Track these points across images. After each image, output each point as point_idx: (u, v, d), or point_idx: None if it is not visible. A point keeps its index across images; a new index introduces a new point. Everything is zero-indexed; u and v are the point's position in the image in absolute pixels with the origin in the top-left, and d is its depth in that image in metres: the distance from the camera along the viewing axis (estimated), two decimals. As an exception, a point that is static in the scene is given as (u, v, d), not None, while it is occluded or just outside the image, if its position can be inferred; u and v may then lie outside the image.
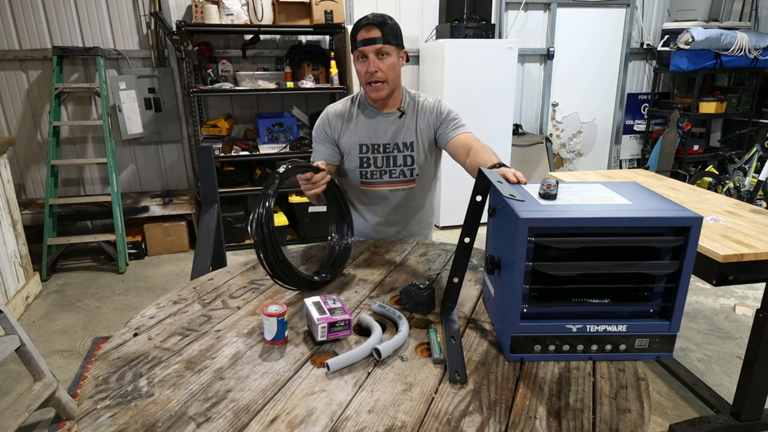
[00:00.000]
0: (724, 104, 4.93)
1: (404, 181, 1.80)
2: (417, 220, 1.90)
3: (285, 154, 4.03)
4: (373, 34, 1.59)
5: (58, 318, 3.02)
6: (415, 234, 1.91)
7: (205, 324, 1.20)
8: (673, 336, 1.02)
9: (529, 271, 0.98)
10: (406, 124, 1.75)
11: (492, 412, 0.90)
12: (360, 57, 1.64)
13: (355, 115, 1.77)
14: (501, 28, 4.77)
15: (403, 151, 1.76)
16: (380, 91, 1.66)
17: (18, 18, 3.72)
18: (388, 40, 1.61)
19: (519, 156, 4.83)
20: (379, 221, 1.86)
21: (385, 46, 1.61)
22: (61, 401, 2.04)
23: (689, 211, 0.97)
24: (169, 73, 4.10)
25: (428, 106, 1.76)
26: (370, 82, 1.65)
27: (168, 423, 0.87)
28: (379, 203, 1.83)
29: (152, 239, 3.96)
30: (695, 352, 2.60)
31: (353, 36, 1.64)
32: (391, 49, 1.63)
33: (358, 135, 1.75)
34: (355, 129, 1.76)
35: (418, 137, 1.76)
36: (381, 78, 1.63)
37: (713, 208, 2.09)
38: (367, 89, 1.69)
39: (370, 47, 1.60)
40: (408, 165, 1.78)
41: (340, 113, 1.77)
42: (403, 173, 1.79)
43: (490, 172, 1.14)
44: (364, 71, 1.64)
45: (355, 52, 1.65)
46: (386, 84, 1.65)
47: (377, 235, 1.88)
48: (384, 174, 1.78)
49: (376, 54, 1.61)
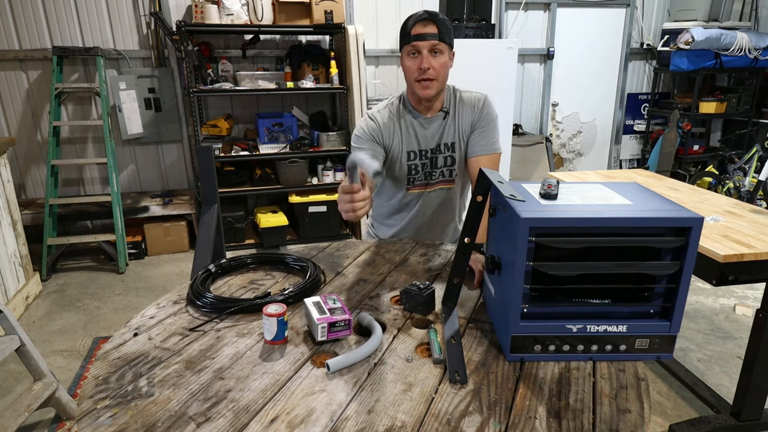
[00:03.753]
0: (724, 104, 4.93)
1: (443, 182, 1.76)
2: (452, 220, 1.86)
3: (285, 154, 4.03)
4: (429, 29, 1.52)
5: (58, 318, 3.02)
6: (452, 234, 1.87)
7: (205, 324, 1.20)
8: (674, 336, 1.02)
9: (530, 271, 0.98)
10: (449, 124, 1.69)
11: (492, 412, 0.89)
12: (411, 52, 1.56)
13: (402, 121, 1.69)
14: (501, 28, 4.77)
15: (445, 152, 1.71)
16: (429, 89, 1.58)
17: (18, 18, 3.72)
18: (443, 38, 1.54)
19: (519, 156, 4.83)
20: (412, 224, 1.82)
21: (440, 44, 1.54)
22: (61, 401, 2.04)
23: (690, 212, 0.97)
24: (169, 73, 4.09)
25: (469, 102, 1.69)
26: (420, 80, 1.57)
27: (168, 423, 0.87)
28: (414, 206, 1.79)
29: (152, 239, 3.96)
30: (695, 352, 2.60)
31: (405, 30, 1.57)
32: (445, 48, 1.56)
33: (406, 142, 1.69)
34: (402, 135, 1.68)
35: (459, 137, 1.70)
36: (432, 76, 1.55)
37: (713, 208, 2.09)
38: (415, 86, 1.59)
39: (426, 43, 1.53)
40: (448, 165, 1.72)
41: (389, 118, 1.68)
42: (443, 174, 1.74)
43: (491, 172, 1.14)
44: (416, 67, 1.55)
45: (406, 47, 1.57)
46: (436, 82, 1.57)
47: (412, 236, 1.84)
48: (427, 176, 1.73)
49: (430, 50, 1.54)
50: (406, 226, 1.84)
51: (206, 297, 1.27)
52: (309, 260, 1.48)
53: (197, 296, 1.28)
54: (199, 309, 1.26)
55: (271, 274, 1.50)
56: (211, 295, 1.29)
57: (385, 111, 1.70)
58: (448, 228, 1.87)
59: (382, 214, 1.89)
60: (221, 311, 1.23)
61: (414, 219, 1.81)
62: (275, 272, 1.51)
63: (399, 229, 1.85)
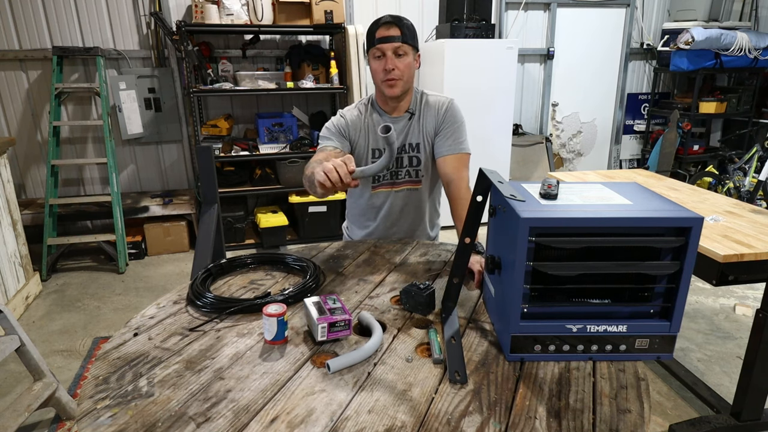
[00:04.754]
0: (724, 104, 4.93)
1: (409, 182, 1.79)
2: (422, 221, 1.88)
3: (285, 154, 4.03)
4: (392, 32, 1.60)
5: (58, 318, 3.02)
6: (421, 235, 1.90)
7: (205, 324, 1.20)
8: (674, 336, 1.02)
9: (530, 271, 0.98)
10: (413, 125, 1.74)
11: (492, 412, 0.89)
12: (376, 55, 1.64)
13: (369, 119, 1.76)
14: (501, 28, 4.77)
15: (409, 152, 1.75)
16: (395, 87, 1.65)
17: (18, 18, 3.72)
18: (406, 40, 1.62)
19: (519, 156, 4.83)
20: (382, 224, 1.85)
21: (403, 45, 1.61)
22: (61, 401, 2.04)
23: (690, 212, 0.97)
24: (169, 73, 4.09)
25: (434, 105, 1.74)
26: (385, 80, 1.64)
27: (168, 423, 0.87)
28: (383, 206, 1.82)
29: (152, 239, 3.96)
30: (695, 352, 2.60)
31: (370, 34, 1.65)
32: (408, 50, 1.63)
33: (372, 139, 1.74)
34: (369, 133, 1.75)
35: (423, 138, 1.74)
36: (397, 76, 1.63)
37: (713, 208, 2.09)
38: (382, 86, 1.67)
39: (389, 45, 1.60)
40: (414, 166, 1.77)
41: (357, 116, 1.76)
42: (409, 174, 1.78)
43: (491, 171, 1.14)
44: (381, 69, 1.63)
45: (371, 50, 1.65)
46: (401, 81, 1.64)
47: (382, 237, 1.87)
48: (393, 175, 1.77)
49: (394, 52, 1.61)
50: (375, 228, 1.87)
51: (206, 297, 1.27)
52: (309, 260, 1.48)
53: (197, 296, 1.28)
54: (199, 309, 1.26)
55: (271, 274, 1.50)
56: (211, 295, 1.29)
57: (354, 110, 1.77)
58: (418, 230, 1.89)
59: (354, 214, 1.93)
60: (221, 311, 1.23)
61: (384, 220, 1.84)
62: (275, 272, 1.51)
63: (370, 231, 1.88)
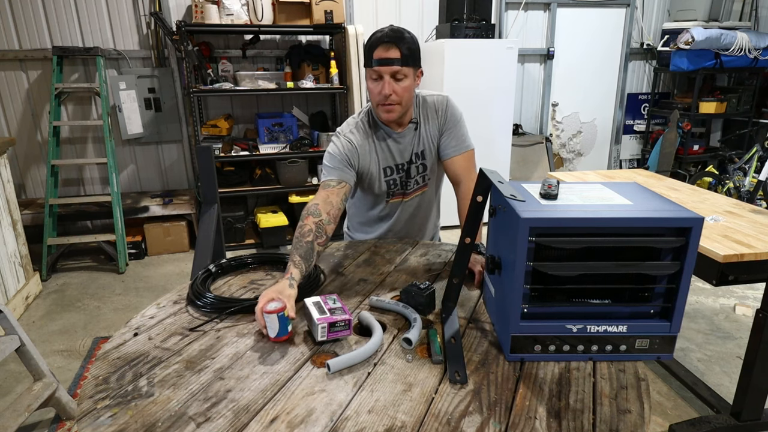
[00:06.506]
0: (724, 104, 4.93)
1: (418, 188, 1.76)
2: (429, 221, 1.87)
3: (285, 154, 4.03)
4: (391, 54, 1.46)
5: (58, 318, 3.02)
6: (426, 236, 1.88)
7: (205, 324, 1.20)
8: (674, 337, 1.02)
9: (530, 271, 0.98)
10: (420, 134, 1.67)
11: (492, 412, 0.89)
12: (374, 77, 1.51)
13: (375, 138, 1.65)
14: (501, 28, 4.77)
15: (416, 161, 1.69)
16: (391, 113, 1.54)
17: (18, 18, 3.72)
18: (406, 62, 1.48)
19: (519, 156, 4.83)
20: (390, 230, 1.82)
21: (402, 69, 1.48)
22: (61, 401, 2.03)
23: (690, 212, 0.97)
24: (169, 73, 4.09)
25: (433, 106, 1.67)
26: (382, 104, 1.53)
27: (168, 423, 0.87)
28: (392, 214, 1.79)
29: (152, 239, 3.96)
30: (695, 352, 2.60)
31: (368, 50, 1.51)
32: (409, 72, 1.50)
33: (383, 159, 1.66)
34: (378, 153, 1.66)
35: (428, 143, 1.69)
36: (395, 101, 1.51)
37: (713, 208, 2.09)
38: (378, 110, 1.57)
39: (387, 68, 1.47)
40: (421, 173, 1.72)
41: (363, 138, 1.64)
42: (417, 182, 1.73)
43: (491, 171, 1.14)
44: (378, 92, 1.51)
45: (369, 70, 1.52)
46: (399, 106, 1.54)
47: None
48: (403, 186, 1.73)
49: (392, 76, 1.48)
50: (384, 233, 1.84)
51: (206, 297, 1.27)
52: None
53: (197, 296, 1.28)
54: (199, 309, 1.26)
55: (271, 274, 1.50)
56: (211, 295, 1.29)
57: (358, 131, 1.64)
58: (427, 226, 1.88)
59: (360, 222, 1.89)
60: (221, 311, 1.23)
61: (393, 226, 1.82)
62: (275, 272, 1.51)
63: (377, 235, 1.85)
